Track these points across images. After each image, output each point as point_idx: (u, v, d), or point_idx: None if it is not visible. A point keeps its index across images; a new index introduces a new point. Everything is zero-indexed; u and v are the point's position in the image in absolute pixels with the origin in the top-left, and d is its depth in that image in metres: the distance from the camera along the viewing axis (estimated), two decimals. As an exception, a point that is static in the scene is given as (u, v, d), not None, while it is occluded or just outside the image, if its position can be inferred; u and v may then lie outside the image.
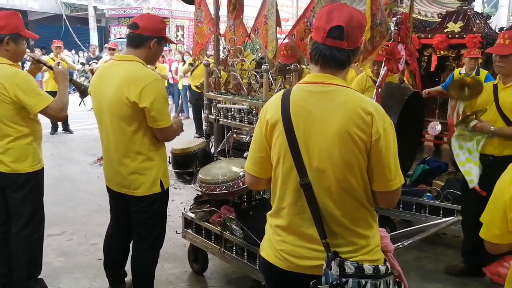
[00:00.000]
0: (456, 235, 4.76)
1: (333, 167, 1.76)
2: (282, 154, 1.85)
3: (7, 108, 3.10)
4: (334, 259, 1.74)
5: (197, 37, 4.18)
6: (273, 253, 1.94)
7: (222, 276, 4.09)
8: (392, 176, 1.79)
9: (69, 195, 6.20)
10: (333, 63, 1.79)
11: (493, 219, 1.70)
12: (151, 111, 2.86)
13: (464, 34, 7.55)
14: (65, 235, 4.89)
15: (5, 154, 3.17)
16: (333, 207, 1.80)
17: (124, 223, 3.31)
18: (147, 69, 3.00)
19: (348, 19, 1.75)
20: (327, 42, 1.76)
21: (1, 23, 3.14)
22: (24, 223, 3.33)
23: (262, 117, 1.93)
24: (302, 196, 1.82)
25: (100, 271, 3.61)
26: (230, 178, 3.37)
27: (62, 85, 3.36)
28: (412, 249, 4.44)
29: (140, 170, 3.03)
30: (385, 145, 1.74)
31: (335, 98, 1.77)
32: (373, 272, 1.75)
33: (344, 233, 1.82)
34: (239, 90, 3.71)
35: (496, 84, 3.76)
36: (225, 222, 3.58)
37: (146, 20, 3.05)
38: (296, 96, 1.84)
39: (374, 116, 1.73)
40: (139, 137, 2.97)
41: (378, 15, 4.09)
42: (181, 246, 4.50)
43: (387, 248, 1.96)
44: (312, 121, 1.78)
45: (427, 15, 10.04)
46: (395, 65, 4.19)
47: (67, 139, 9.96)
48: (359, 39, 1.81)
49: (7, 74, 3.09)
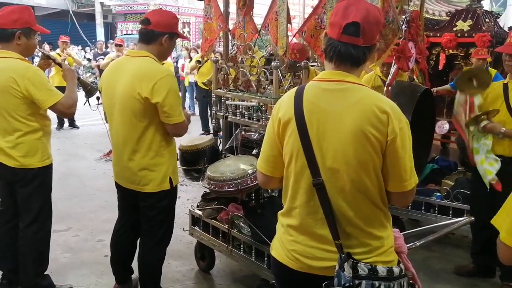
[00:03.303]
0: (464, 235, 4.73)
1: (347, 167, 1.73)
2: (294, 153, 1.82)
3: (18, 102, 3.10)
4: (347, 261, 1.71)
5: (206, 33, 4.16)
6: (284, 253, 1.92)
7: (229, 274, 4.07)
8: (407, 177, 1.76)
9: (75, 191, 6.19)
10: (348, 60, 1.75)
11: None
12: (164, 106, 2.85)
13: (473, 33, 7.47)
14: (71, 231, 4.88)
15: (14, 149, 3.17)
16: (346, 207, 1.77)
17: (131, 219, 3.30)
18: (159, 64, 2.99)
19: (364, 15, 1.71)
20: (342, 38, 1.73)
21: (13, 17, 3.12)
22: (32, 218, 3.33)
23: (275, 115, 1.89)
24: (314, 196, 1.79)
25: (106, 268, 3.60)
26: (239, 176, 3.35)
27: (71, 82, 3.36)
28: (420, 249, 4.34)
29: (150, 166, 3.02)
30: (401, 145, 1.71)
31: (350, 96, 1.74)
32: (387, 274, 1.72)
33: (358, 234, 1.79)
34: (248, 87, 3.69)
35: (507, 83, 3.70)
36: (233, 220, 3.55)
37: (158, 15, 3.04)
38: (310, 93, 1.80)
39: (390, 115, 1.69)
40: (150, 133, 2.96)
41: (390, 12, 4.05)
42: (187, 243, 4.48)
43: (401, 249, 1.93)
44: (326, 120, 1.75)
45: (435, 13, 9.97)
46: (405, 63, 4.16)
47: (73, 135, 9.96)
48: (375, 36, 1.78)
49: (18, 68, 3.08)
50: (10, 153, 3.17)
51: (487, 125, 3.57)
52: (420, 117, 4.04)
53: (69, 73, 3.41)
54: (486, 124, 3.57)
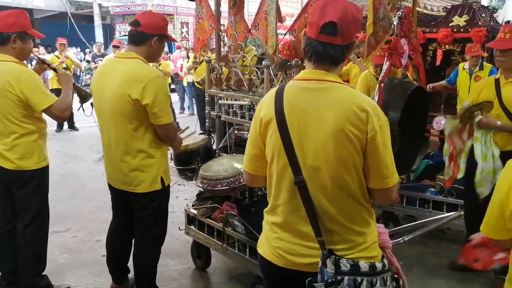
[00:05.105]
0: (460, 230, 4.73)
1: (327, 165, 1.75)
2: (276, 152, 1.84)
3: (13, 105, 3.14)
4: (329, 257, 1.73)
5: (198, 34, 4.18)
6: (270, 250, 1.94)
7: (225, 272, 4.10)
8: (389, 173, 1.78)
9: (74, 192, 6.23)
10: (327, 60, 1.77)
11: (490, 215, 1.69)
12: (153, 107, 2.86)
13: (469, 28, 7.49)
14: (70, 232, 4.92)
15: (11, 151, 3.21)
16: (328, 204, 1.79)
17: (125, 220, 3.33)
18: (148, 66, 3.00)
19: (342, 14, 1.71)
20: (320, 38, 1.74)
21: (9, 21, 3.17)
22: (29, 219, 3.37)
23: (257, 114, 1.92)
24: (296, 194, 1.82)
25: (104, 268, 3.63)
26: (232, 174, 3.36)
27: (66, 86, 3.40)
28: (415, 245, 4.43)
29: (141, 167, 3.04)
30: (381, 142, 1.73)
31: (329, 95, 1.76)
32: (369, 269, 1.74)
33: (340, 230, 1.81)
34: (240, 86, 3.71)
35: (498, 78, 3.70)
36: (227, 218, 3.58)
37: (148, 17, 3.05)
38: (290, 93, 1.82)
39: (370, 113, 1.71)
40: (140, 134, 2.98)
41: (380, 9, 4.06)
42: (184, 242, 4.51)
43: (385, 245, 1.95)
44: (306, 119, 1.76)
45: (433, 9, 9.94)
46: (397, 60, 4.17)
47: (72, 137, 10.01)
48: (353, 35, 1.79)
49: (14, 71, 3.13)
50: (7, 156, 3.21)
51: (482, 120, 3.57)
52: (413, 115, 4.07)
53: (64, 77, 3.45)
54: (481, 119, 3.57)
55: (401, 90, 4.09)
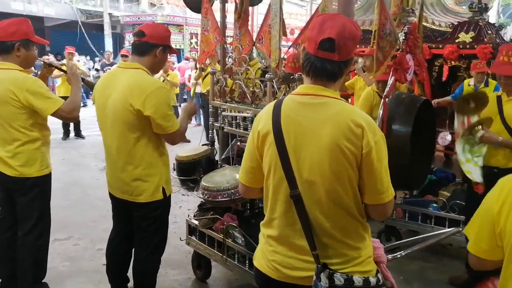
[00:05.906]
0: (462, 246, 4.70)
1: (323, 179, 1.76)
2: (272, 165, 1.85)
3: (17, 112, 3.17)
4: (324, 271, 1.74)
5: (203, 45, 4.22)
6: (265, 262, 1.95)
7: (225, 283, 4.09)
8: (384, 189, 1.79)
9: (77, 200, 6.26)
10: (324, 75, 1.78)
11: (481, 234, 1.67)
12: (156, 118, 2.88)
13: (475, 45, 7.49)
14: (71, 240, 4.94)
15: (13, 158, 3.23)
16: (323, 219, 1.80)
17: (126, 229, 3.34)
18: (151, 77, 3.03)
19: (340, 31, 1.73)
20: (318, 53, 1.76)
21: (11, 29, 3.20)
22: (30, 227, 3.38)
23: (255, 127, 1.94)
24: (292, 208, 1.83)
25: (104, 277, 3.63)
26: (232, 186, 3.37)
27: (75, 86, 3.44)
28: (416, 260, 4.42)
29: (143, 176, 3.05)
30: (376, 158, 1.73)
31: (326, 110, 1.77)
32: (363, 284, 1.75)
33: (335, 244, 1.82)
34: (244, 99, 3.74)
35: (500, 95, 3.71)
36: (228, 229, 3.59)
37: (152, 28, 3.09)
38: (287, 107, 1.84)
39: (365, 128, 1.72)
40: (142, 144, 2.99)
41: (387, 24, 4.10)
42: (185, 252, 4.52)
43: (380, 259, 1.96)
44: (302, 133, 1.78)
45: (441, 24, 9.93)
46: (403, 75, 4.19)
47: (78, 145, 10.05)
48: (351, 51, 1.81)
49: (17, 80, 3.15)
50: (9, 163, 3.24)
51: (485, 135, 3.58)
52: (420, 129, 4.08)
53: (73, 77, 3.49)
54: (483, 134, 3.58)
55: (408, 104, 4.12)
